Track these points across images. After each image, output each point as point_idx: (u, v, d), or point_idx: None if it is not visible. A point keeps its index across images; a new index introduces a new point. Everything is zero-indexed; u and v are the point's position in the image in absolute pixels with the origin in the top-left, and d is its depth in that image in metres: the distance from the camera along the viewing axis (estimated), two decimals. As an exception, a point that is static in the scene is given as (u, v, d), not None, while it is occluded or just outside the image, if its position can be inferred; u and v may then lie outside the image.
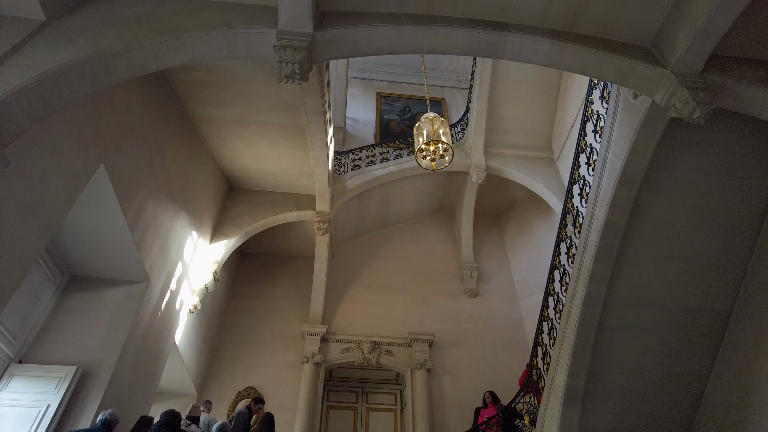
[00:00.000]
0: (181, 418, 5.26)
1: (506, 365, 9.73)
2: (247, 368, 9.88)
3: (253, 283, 11.38)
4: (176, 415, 5.14)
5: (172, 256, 7.34)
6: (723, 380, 5.84)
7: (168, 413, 5.08)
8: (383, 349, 10.16)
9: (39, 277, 5.74)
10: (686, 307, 5.62)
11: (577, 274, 5.57)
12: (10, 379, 5.26)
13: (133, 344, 6.12)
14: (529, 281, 11.09)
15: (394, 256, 12.00)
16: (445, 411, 9.33)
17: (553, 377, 6.03)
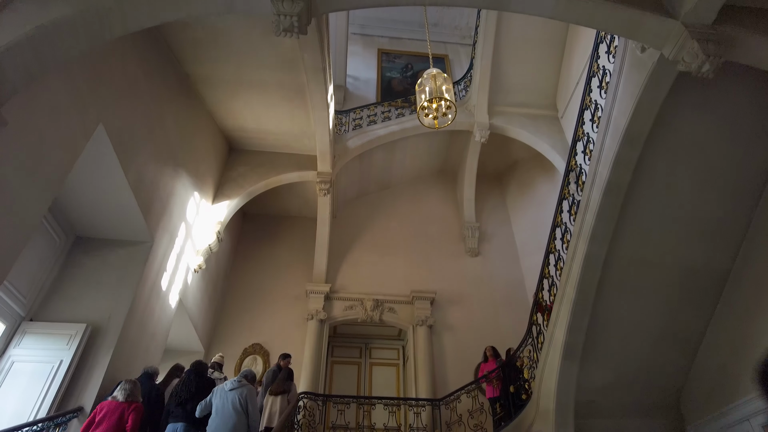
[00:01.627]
0: (207, 367, 5.83)
1: (506, 323, 9.92)
2: (252, 326, 10.11)
3: (257, 243, 11.48)
4: (203, 365, 5.76)
5: (175, 216, 7.38)
6: (718, 338, 5.96)
7: (196, 363, 5.73)
8: (386, 306, 10.35)
9: (44, 238, 5.80)
10: (686, 267, 5.66)
11: (579, 232, 5.59)
12: (22, 337, 5.40)
13: (139, 303, 6.25)
14: (530, 241, 11.15)
15: (396, 217, 12.04)
16: (445, 366, 9.59)
17: (553, 333, 6.16)
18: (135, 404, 4.58)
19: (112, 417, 4.42)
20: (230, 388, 5.08)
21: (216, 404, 4.98)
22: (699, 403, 6.21)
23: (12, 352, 5.28)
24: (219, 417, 4.86)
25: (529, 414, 6.50)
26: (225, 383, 5.20)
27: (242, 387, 5.08)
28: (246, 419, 4.88)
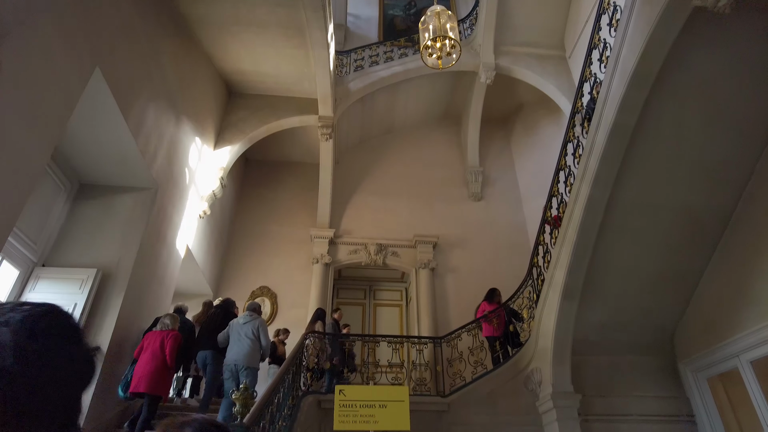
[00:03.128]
0: (233, 304, 6.57)
1: (508, 266, 10.09)
2: (259, 270, 10.34)
3: (260, 189, 11.51)
4: (231, 302, 6.58)
5: (178, 162, 7.37)
6: (717, 277, 6.06)
7: (224, 300, 6.58)
8: (389, 250, 10.53)
9: (49, 186, 5.83)
10: (688, 209, 5.67)
11: (582, 175, 5.57)
12: (36, 282, 5.56)
13: (147, 248, 6.37)
14: (533, 185, 11.13)
15: (399, 162, 11.98)
16: (447, 306, 9.88)
17: (553, 274, 6.29)
18: (173, 332, 5.41)
19: (155, 343, 5.26)
20: (243, 321, 5.78)
21: (233, 335, 5.71)
22: (692, 342, 6.42)
23: (28, 297, 5.45)
24: (236, 345, 5.60)
25: (528, 352, 6.77)
26: (238, 318, 5.94)
27: (254, 320, 5.81)
28: (259, 345, 5.67)
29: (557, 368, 6.24)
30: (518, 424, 6.42)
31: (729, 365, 5.84)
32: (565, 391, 6.15)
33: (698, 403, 6.30)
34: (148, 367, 5.07)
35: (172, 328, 5.48)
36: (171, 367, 5.26)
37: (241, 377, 5.40)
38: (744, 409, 5.84)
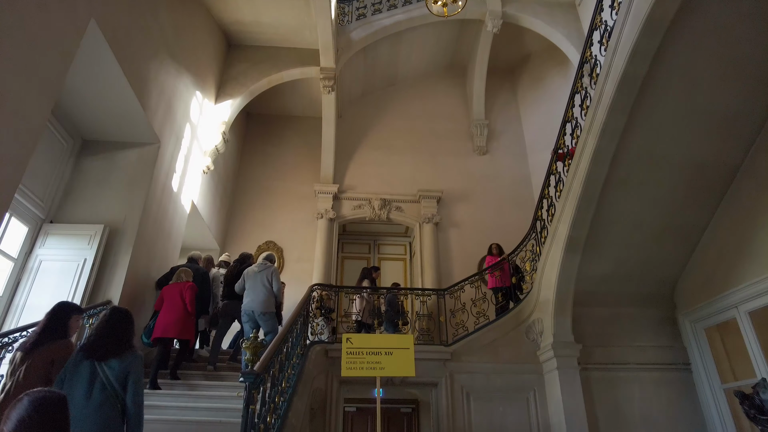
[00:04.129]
0: (250, 257, 6.96)
1: (511, 220, 10.12)
2: (264, 225, 10.43)
3: (263, 144, 11.43)
4: (247, 255, 6.96)
5: (179, 117, 7.29)
6: (720, 231, 6.07)
7: (242, 254, 7.01)
8: (393, 205, 10.56)
9: (52, 142, 5.81)
10: (695, 162, 5.60)
11: (589, 127, 5.48)
12: (45, 238, 5.64)
13: (152, 204, 6.41)
14: (539, 138, 10.98)
15: (402, 116, 11.80)
16: (450, 260, 10.00)
17: (557, 227, 6.31)
18: (189, 283, 5.79)
19: (174, 295, 5.63)
20: (258, 270, 6.12)
21: (248, 283, 6.04)
22: (692, 294, 6.52)
23: (38, 252, 5.55)
24: (252, 292, 5.97)
25: (530, 303, 6.90)
26: (252, 266, 6.29)
27: (267, 269, 6.14)
28: (272, 291, 6.01)
29: (558, 319, 6.38)
30: (519, 372, 6.63)
31: (727, 316, 5.95)
32: (566, 341, 6.32)
33: (695, 351, 6.47)
34: (171, 316, 5.48)
35: (186, 280, 5.86)
36: (192, 314, 5.69)
37: (260, 322, 5.88)
38: (739, 357, 5.99)
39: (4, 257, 5.23)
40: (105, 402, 2.66)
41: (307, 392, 5.47)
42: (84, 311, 3.53)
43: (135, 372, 2.81)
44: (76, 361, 2.78)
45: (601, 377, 6.41)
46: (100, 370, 2.73)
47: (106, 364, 2.76)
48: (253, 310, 5.87)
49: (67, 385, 2.68)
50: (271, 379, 3.48)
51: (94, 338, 2.86)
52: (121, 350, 2.84)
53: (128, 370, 2.78)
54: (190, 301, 5.62)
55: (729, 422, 5.91)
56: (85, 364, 2.75)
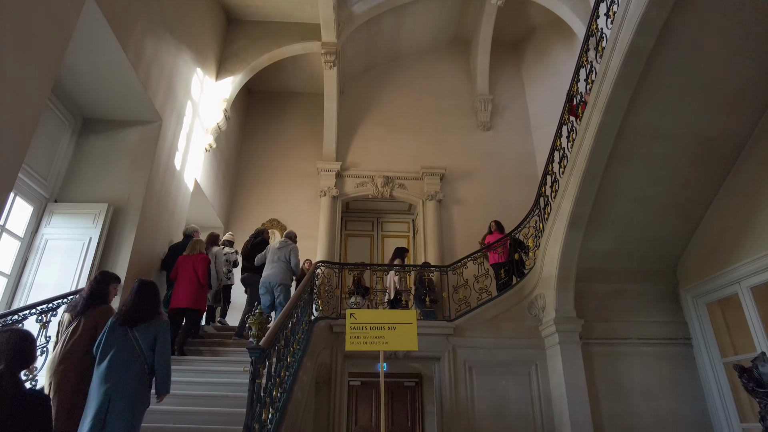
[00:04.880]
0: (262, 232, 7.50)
1: (515, 197, 10.11)
2: (267, 203, 10.45)
3: (265, 121, 11.37)
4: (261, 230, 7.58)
5: (180, 94, 7.24)
6: (723, 207, 6.04)
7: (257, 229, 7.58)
8: (396, 182, 10.54)
9: (53, 121, 5.80)
10: (701, 137, 5.54)
11: (594, 101, 5.41)
12: (50, 217, 5.68)
13: (155, 182, 6.42)
14: (543, 113, 10.87)
15: (405, 92, 11.67)
16: (453, 237, 10.02)
17: (560, 203, 6.30)
18: (202, 255, 6.11)
19: (187, 267, 5.97)
20: (278, 246, 6.69)
21: (269, 258, 6.64)
22: (694, 269, 6.53)
23: (44, 231, 5.59)
24: (270, 266, 6.54)
25: (532, 279, 6.94)
26: (274, 242, 6.88)
27: (287, 246, 6.70)
28: (289, 266, 6.54)
29: (561, 294, 6.42)
30: (521, 347, 6.72)
31: (729, 291, 5.98)
32: (568, 317, 6.37)
33: (696, 326, 6.52)
34: (185, 287, 5.83)
35: (199, 251, 6.17)
36: (204, 285, 5.99)
37: (275, 293, 6.38)
38: (739, 332, 6.04)
39: (10, 236, 5.28)
40: (136, 362, 3.10)
41: (312, 367, 5.57)
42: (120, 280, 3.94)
43: (162, 335, 3.25)
44: (112, 328, 3.19)
45: (602, 352, 6.48)
46: (132, 335, 3.16)
47: (137, 330, 3.19)
48: (270, 281, 6.42)
49: (104, 348, 3.11)
50: (277, 354, 3.54)
51: (127, 308, 3.25)
52: (150, 317, 3.26)
53: (156, 334, 3.22)
54: (202, 274, 5.93)
55: (727, 395, 6.00)
56: (119, 329, 3.18)
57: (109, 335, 3.17)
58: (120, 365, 3.04)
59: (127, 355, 3.09)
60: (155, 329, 3.24)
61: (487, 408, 6.39)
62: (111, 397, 2.93)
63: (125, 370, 3.05)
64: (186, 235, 6.89)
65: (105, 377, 2.99)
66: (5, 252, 5.24)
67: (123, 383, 3.00)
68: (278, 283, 6.42)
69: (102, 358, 3.07)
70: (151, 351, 3.18)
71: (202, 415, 4.25)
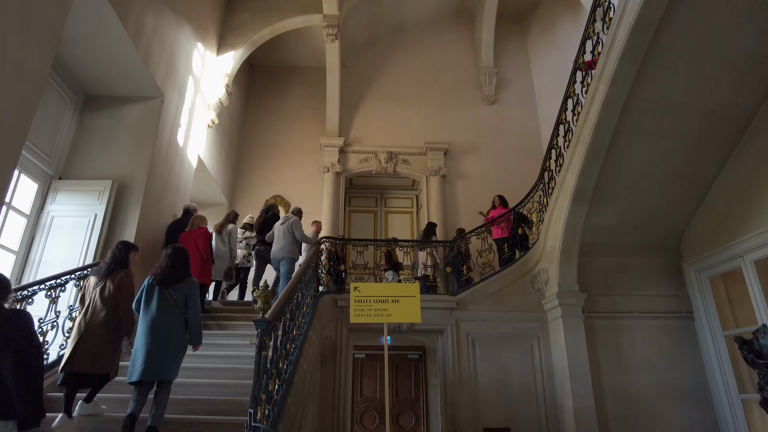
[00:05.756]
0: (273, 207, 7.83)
1: (519, 172, 10.06)
2: (271, 179, 10.46)
3: (267, 97, 11.27)
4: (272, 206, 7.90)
5: (182, 70, 7.17)
6: (730, 181, 6.00)
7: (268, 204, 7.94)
8: (399, 158, 10.50)
9: (55, 98, 5.77)
10: (709, 111, 5.46)
11: (600, 74, 5.33)
12: (56, 194, 5.71)
13: (159, 158, 6.43)
14: (549, 86, 10.72)
15: (409, 65, 11.52)
16: (457, 212, 10.03)
17: (564, 178, 6.27)
18: (201, 230, 6.21)
19: (189, 241, 6.01)
20: (281, 222, 6.96)
21: (275, 235, 6.94)
22: (698, 244, 6.53)
23: (50, 208, 5.63)
24: (277, 241, 6.87)
25: (535, 253, 6.97)
26: (280, 219, 7.08)
27: (288, 220, 6.93)
28: (294, 240, 6.80)
29: (564, 269, 6.45)
30: (524, 320, 6.79)
31: (732, 265, 5.98)
32: (571, 290, 6.42)
33: (698, 300, 6.55)
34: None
35: (198, 226, 6.25)
36: (207, 260, 6.07)
37: (281, 266, 6.71)
38: (741, 305, 6.08)
39: (17, 214, 5.32)
40: (172, 315, 3.59)
41: (317, 340, 5.66)
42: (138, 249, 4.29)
43: (192, 293, 3.74)
44: (149, 287, 3.67)
45: (604, 325, 6.55)
46: (167, 293, 3.64)
47: (171, 289, 3.66)
48: (275, 257, 6.75)
49: (144, 305, 3.61)
50: (283, 327, 3.60)
51: (162, 270, 3.72)
52: (181, 278, 3.74)
53: (187, 292, 3.72)
54: (203, 249, 6.00)
55: (727, 367, 6.07)
56: (156, 289, 3.65)
57: (148, 293, 3.66)
58: (162, 318, 3.55)
59: (166, 310, 3.59)
60: (187, 288, 3.72)
61: (489, 380, 6.50)
62: (158, 343, 3.45)
63: (167, 321, 3.55)
64: (186, 212, 6.89)
65: (151, 328, 3.50)
66: (12, 229, 5.29)
67: (166, 332, 3.52)
68: (282, 257, 6.68)
69: (146, 311, 3.59)
70: (184, 307, 3.68)
71: (210, 387, 4.36)
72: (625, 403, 6.17)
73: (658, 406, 6.18)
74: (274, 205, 7.65)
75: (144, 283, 3.73)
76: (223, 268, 6.80)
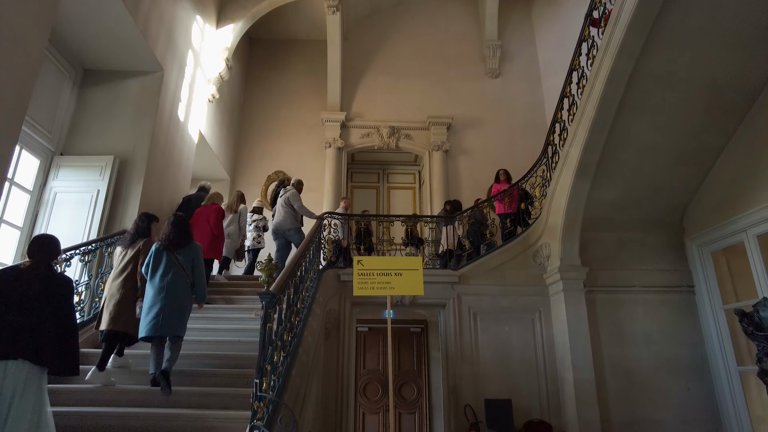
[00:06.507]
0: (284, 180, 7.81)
1: (523, 146, 9.98)
2: (272, 155, 10.42)
3: (267, 71, 11.14)
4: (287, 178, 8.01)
5: (181, 43, 7.07)
6: (735, 155, 5.95)
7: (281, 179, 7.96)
8: (402, 133, 10.42)
9: (53, 73, 5.72)
10: (715, 84, 5.37)
11: (606, 46, 5.23)
12: (58, 170, 5.70)
13: (160, 133, 6.40)
14: (554, 60, 10.54)
15: (411, 38, 11.32)
16: (460, 188, 10.00)
17: (568, 152, 6.23)
18: (215, 206, 6.37)
19: (202, 215, 6.24)
20: (281, 194, 7.19)
21: (276, 206, 7.21)
22: (701, 219, 6.52)
23: (52, 184, 5.64)
24: (278, 214, 7.10)
25: (538, 228, 6.97)
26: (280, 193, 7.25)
27: (285, 192, 7.16)
28: (292, 210, 7.02)
29: (566, 243, 6.46)
30: (525, 294, 6.84)
31: (735, 239, 5.99)
32: (573, 265, 6.44)
33: (699, 275, 6.58)
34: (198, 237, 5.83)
35: (214, 202, 6.46)
36: (218, 235, 6.23)
37: (287, 237, 6.97)
38: (743, 280, 6.10)
39: (20, 190, 5.33)
40: (178, 277, 3.93)
41: (321, 313, 5.73)
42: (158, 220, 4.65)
43: (197, 257, 4.11)
44: (157, 253, 3.98)
45: (605, 299, 6.59)
46: (174, 257, 3.97)
47: (177, 253, 3.99)
48: (277, 228, 6.98)
49: (154, 267, 3.93)
50: (287, 300, 3.64)
51: (167, 236, 4.04)
52: (186, 243, 4.07)
53: (193, 256, 4.07)
54: (214, 224, 6.18)
55: (726, 340, 6.14)
56: (164, 253, 3.97)
57: (156, 257, 3.97)
58: (170, 279, 3.88)
59: (174, 272, 3.92)
60: (192, 253, 4.08)
61: (491, 353, 6.59)
62: (166, 302, 3.79)
63: (174, 282, 3.89)
64: (201, 188, 7.08)
65: (159, 288, 3.85)
66: (16, 205, 5.31)
67: (174, 292, 3.86)
68: (288, 228, 6.93)
69: (153, 274, 3.91)
70: (190, 269, 4.02)
71: (216, 359, 4.44)
72: (625, 376, 6.26)
73: (657, 378, 6.28)
74: (287, 178, 7.72)
75: (152, 249, 4.04)
76: (234, 246, 7.00)
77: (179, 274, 3.95)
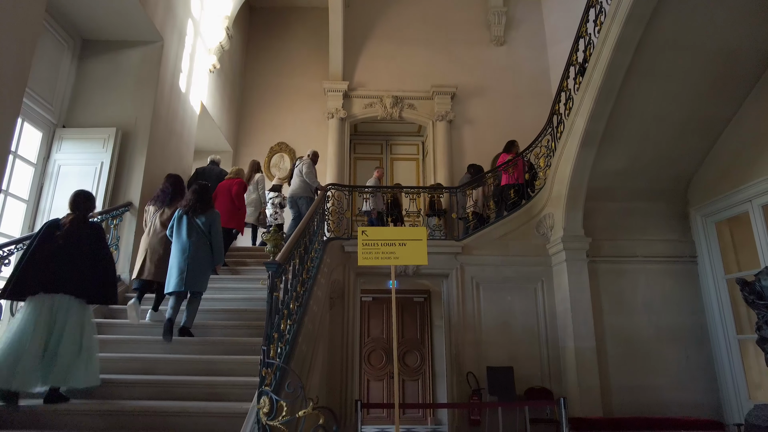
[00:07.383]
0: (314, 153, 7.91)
1: (528, 116, 9.83)
2: (274, 126, 10.34)
3: (268, 40, 10.94)
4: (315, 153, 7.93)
5: (180, 11, 6.93)
6: (743, 125, 5.88)
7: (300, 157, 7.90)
8: (405, 103, 10.29)
9: (52, 44, 5.64)
10: (726, 50, 5.26)
11: (614, 12, 5.11)
12: (60, 143, 5.69)
13: (161, 104, 6.35)
14: (560, 26, 10.29)
15: (414, 3, 11.04)
16: (464, 158, 9.92)
17: (574, 121, 6.16)
18: (238, 179, 6.55)
19: (225, 188, 6.42)
20: (297, 164, 7.50)
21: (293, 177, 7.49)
22: (706, 189, 6.49)
23: (56, 157, 5.64)
24: (293, 182, 7.43)
25: (541, 198, 6.96)
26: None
27: (301, 161, 7.50)
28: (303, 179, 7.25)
29: (570, 214, 6.47)
30: (528, 264, 6.89)
31: (740, 210, 5.98)
32: (576, 235, 6.46)
33: (702, 245, 6.60)
34: (222, 208, 6.03)
35: (236, 176, 6.62)
36: (239, 207, 6.40)
37: (298, 204, 7.16)
38: (746, 250, 6.12)
39: (24, 163, 5.34)
40: (199, 240, 4.33)
41: (326, 283, 5.80)
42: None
43: (215, 222, 4.48)
44: (180, 217, 4.40)
45: (608, 269, 6.64)
46: (195, 222, 4.36)
47: (197, 218, 4.37)
48: (292, 196, 7.25)
49: (177, 229, 4.36)
50: (293, 270, 3.68)
51: (189, 202, 4.43)
52: (205, 209, 4.44)
53: (211, 221, 4.42)
54: (236, 195, 6.38)
55: (727, 309, 6.20)
56: (185, 218, 4.37)
57: (179, 221, 4.37)
58: (193, 240, 4.28)
59: (195, 235, 4.31)
60: (210, 218, 4.42)
61: (493, 322, 6.70)
62: (189, 261, 4.20)
63: (196, 244, 4.28)
64: (212, 162, 7.32)
65: (183, 248, 4.25)
66: (21, 179, 5.32)
67: (196, 253, 4.25)
68: (299, 196, 7.15)
69: (178, 236, 4.32)
70: (209, 233, 4.38)
71: (224, 328, 4.54)
72: (625, 344, 6.37)
73: (657, 346, 6.38)
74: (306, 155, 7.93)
75: (175, 214, 4.45)
76: (256, 213, 7.26)
77: (200, 237, 4.32)
